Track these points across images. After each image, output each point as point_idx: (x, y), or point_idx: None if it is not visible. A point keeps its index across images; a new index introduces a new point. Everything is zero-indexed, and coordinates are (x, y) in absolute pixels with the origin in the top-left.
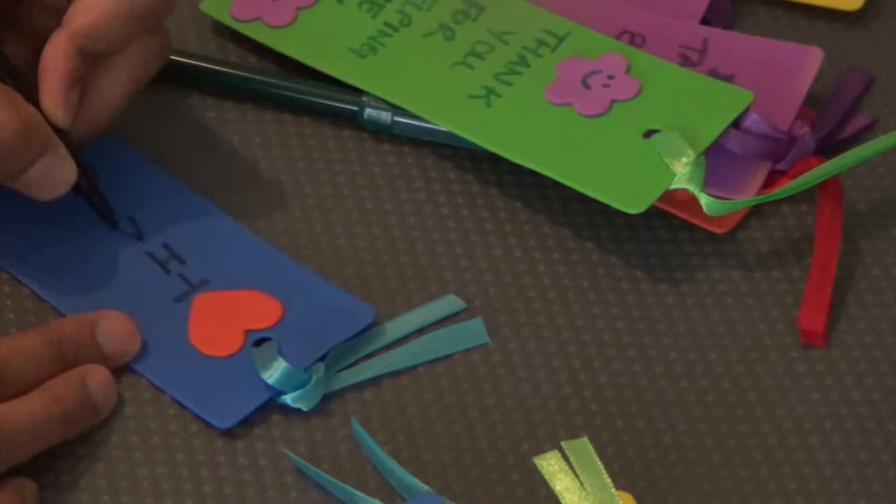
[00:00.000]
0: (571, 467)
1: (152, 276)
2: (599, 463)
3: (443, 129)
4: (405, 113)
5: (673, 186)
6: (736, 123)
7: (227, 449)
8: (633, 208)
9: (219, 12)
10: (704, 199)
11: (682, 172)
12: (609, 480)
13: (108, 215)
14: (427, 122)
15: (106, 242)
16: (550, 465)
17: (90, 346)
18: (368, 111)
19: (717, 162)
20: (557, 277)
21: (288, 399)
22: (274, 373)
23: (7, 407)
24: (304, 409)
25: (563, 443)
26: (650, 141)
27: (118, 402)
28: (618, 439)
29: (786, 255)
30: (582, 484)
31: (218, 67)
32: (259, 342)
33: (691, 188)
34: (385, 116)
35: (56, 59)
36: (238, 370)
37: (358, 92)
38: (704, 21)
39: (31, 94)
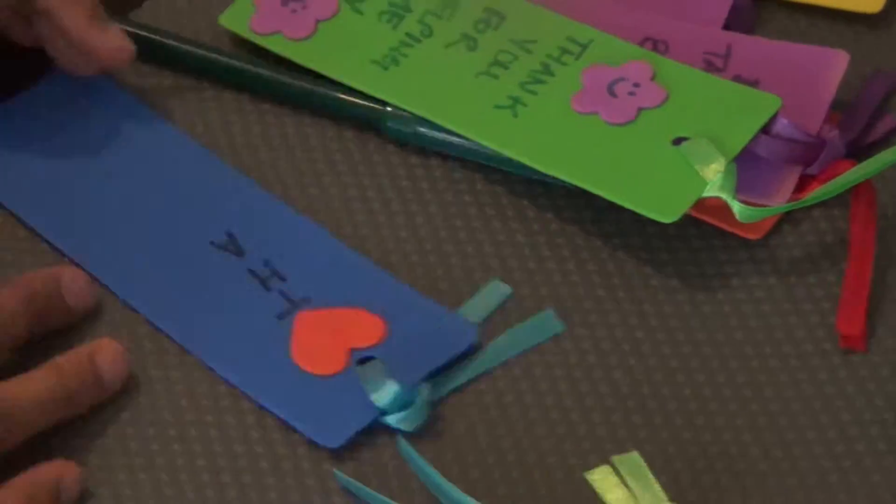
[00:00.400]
0: (623, 481)
1: (253, 293)
2: (651, 476)
3: (465, 142)
4: (428, 124)
5: (705, 194)
6: (765, 129)
7: (274, 469)
8: (667, 217)
9: (238, 26)
10: (737, 207)
11: (714, 180)
12: (662, 493)
13: None
14: (449, 133)
15: (206, 259)
16: (602, 480)
17: (57, 300)
18: (390, 122)
19: (747, 168)
20: (593, 288)
21: (391, 420)
22: (384, 395)
23: (13, 386)
24: (408, 430)
25: (613, 458)
26: (680, 148)
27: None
28: (664, 451)
29: (820, 259)
30: (636, 498)
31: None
32: (362, 360)
33: (724, 195)
34: (409, 128)
35: None
36: (343, 388)
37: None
38: (725, 27)
39: None
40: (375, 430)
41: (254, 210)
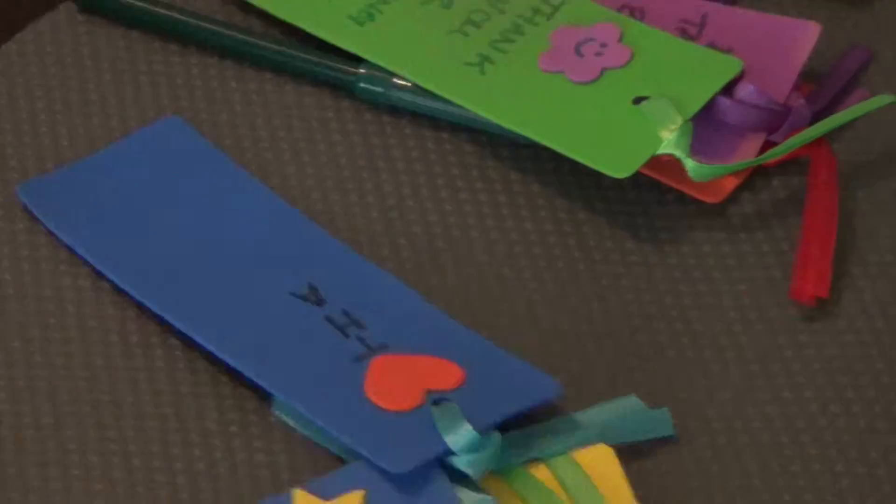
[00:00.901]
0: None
1: (331, 338)
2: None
3: (435, 102)
4: (399, 87)
5: (660, 151)
6: (731, 94)
7: None
8: (620, 172)
9: None
10: (690, 164)
11: (670, 138)
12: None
13: None
14: (419, 93)
15: (286, 307)
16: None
17: None
18: (362, 84)
19: (711, 133)
20: (549, 247)
21: (460, 462)
22: (458, 437)
23: None
24: (473, 476)
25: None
26: (639, 107)
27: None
28: None
29: (776, 229)
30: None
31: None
32: (438, 402)
33: (678, 153)
34: (381, 88)
35: None
36: (415, 423)
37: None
38: None
39: None
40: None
41: (333, 262)
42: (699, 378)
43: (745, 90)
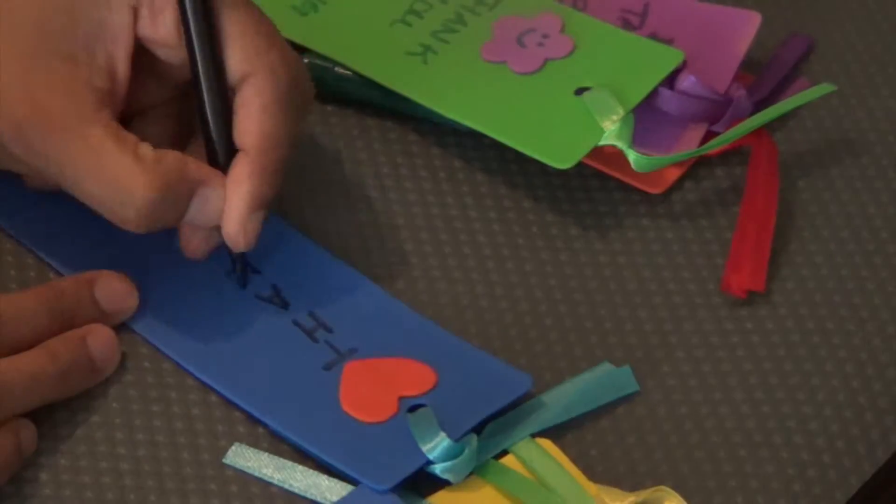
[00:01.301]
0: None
1: (300, 344)
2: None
3: (378, 92)
4: (342, 77)
5: (601, 143)
6: (672, 85)
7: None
8: (562, 164)
9: None
10: (633, 156)
11: (612, 129)
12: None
13: (244, 273)
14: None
15: (252, 311)
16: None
17: (88, 303)
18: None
19: (653, 123)
20: (492, 235)
21: (438, 469)
22: (434, 447)
23: (4, 363)
24: (453, 481)
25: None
26: (581, 98)
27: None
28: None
29: (719, 216)
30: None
31: None
32: (413, 409)
33: (620, 145)
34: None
35: (240, 182)
36: (393, 435)
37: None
38: None
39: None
40: None
41: (297, 261)
42: (643, 364)
43: (686, 81)
